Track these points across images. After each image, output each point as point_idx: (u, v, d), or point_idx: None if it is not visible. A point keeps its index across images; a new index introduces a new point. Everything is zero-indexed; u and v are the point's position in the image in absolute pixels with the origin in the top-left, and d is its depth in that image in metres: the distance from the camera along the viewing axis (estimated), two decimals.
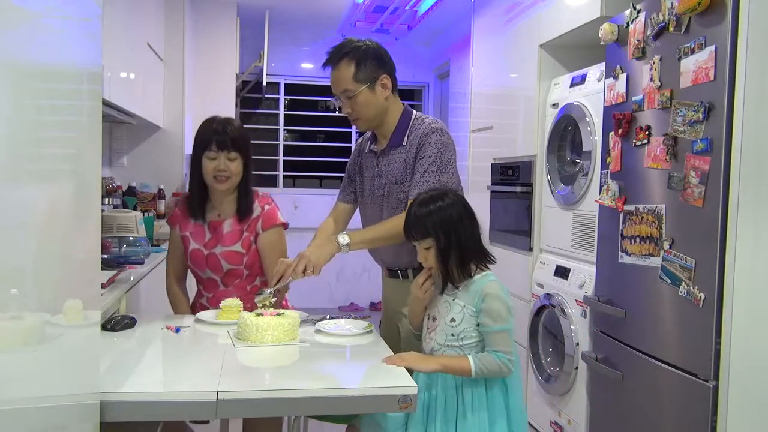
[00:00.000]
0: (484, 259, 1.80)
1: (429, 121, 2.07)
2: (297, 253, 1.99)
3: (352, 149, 2.31)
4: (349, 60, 1.99)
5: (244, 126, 2.47)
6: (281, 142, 5.95)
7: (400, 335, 2.11)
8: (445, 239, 1.74)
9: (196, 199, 2.26)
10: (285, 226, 2.28)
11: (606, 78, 2.50)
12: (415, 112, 2.14)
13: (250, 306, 2.10)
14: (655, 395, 2.15)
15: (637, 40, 2.25)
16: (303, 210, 5.68)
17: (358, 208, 2.28)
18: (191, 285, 2.37)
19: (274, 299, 2.00)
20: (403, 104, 2.14)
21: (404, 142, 2.06)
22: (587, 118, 2.76)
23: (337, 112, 2.23)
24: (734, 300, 1.85)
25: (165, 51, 4.44)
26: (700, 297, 1.92)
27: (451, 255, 1.75)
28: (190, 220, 2.27)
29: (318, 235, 2.19)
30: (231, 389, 1.44)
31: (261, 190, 2.33)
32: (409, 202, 1.90)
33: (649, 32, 2.19)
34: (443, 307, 1.80)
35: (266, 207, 2.26)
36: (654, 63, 2.16)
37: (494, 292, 1.73)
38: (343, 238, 1.97)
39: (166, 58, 4.47)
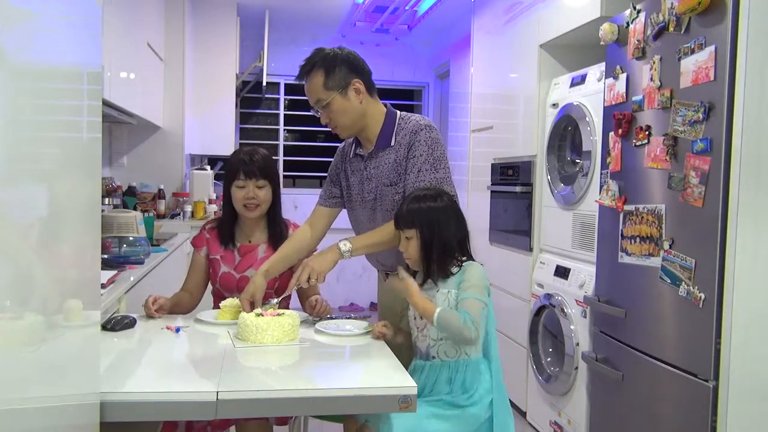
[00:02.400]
0: (468, 260, 1.86)
1: (416, 118, 2.06)
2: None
3: (335, 153, 2.28)
4: (317, 69, 1.98)
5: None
6: (281, 142, 5.94)
7: None
8: (429, 234, 1.81)
9: (227, 226, 2.29)
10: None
11: (606, 78, 2.51)
12: (399, 112, 2.11)
13: None
14: (655, 395, 2.15)
15: (637, 40, 2.25)
16: (303, 210, 5.65)
17: (345, 213, 2.26)
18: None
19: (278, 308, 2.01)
20: (386, 105, 2.11)
21: (392, 143, 2.04)
22: (587, 118, 2.76)
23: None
24: (734, 300, 1.85)
25: (165, 51, 4.43)
26: (700, 297, 1.92)
27: (433, 251, 1.81)
28: (221, 246, 2.29)
29: (289, 242, 2.17)
30: (231, 389, 1.44)
31: (291, 219, 2.37)
32: None
33: (649, 32, 2.19)
34: None
35: None
36: (654, 63, 2.15)
37: (474, 270, 1.82)
38: (345, 245, 1.99)
39: (166, 58, 4.46)
